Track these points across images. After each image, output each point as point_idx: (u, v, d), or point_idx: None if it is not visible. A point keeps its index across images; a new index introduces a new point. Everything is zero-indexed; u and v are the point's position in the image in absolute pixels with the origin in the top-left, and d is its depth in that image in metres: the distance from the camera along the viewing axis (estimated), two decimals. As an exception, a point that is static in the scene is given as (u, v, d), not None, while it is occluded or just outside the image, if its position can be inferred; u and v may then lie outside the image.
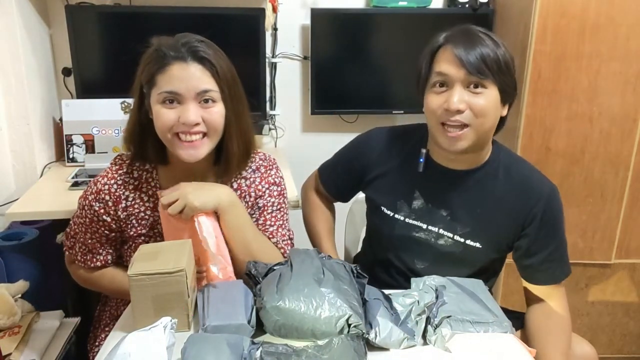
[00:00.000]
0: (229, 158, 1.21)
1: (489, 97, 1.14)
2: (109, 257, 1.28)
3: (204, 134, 1.14)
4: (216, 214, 1.18)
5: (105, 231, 1.24)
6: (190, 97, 1.10)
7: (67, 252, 1.32)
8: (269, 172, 1.31)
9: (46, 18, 2.13)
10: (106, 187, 1.21)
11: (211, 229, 1.16)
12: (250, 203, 1.29)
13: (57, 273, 1.82)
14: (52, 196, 1.77)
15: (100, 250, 1.26)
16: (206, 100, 1.12)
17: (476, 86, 1.13)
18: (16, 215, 1.67)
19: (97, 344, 1.36)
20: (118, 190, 1.21)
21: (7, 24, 1.87)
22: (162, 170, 1.24)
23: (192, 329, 1.06)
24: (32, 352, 1.38)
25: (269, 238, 1.27)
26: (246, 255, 1.19)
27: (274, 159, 1.34)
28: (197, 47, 1.11)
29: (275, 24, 2.23)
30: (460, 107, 1.13)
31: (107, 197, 1.21)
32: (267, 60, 2.24)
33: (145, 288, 1.00)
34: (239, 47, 2.14)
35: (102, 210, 1.22)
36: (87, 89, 2.11)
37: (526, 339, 1.20)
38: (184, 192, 1.12)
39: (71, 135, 2.06)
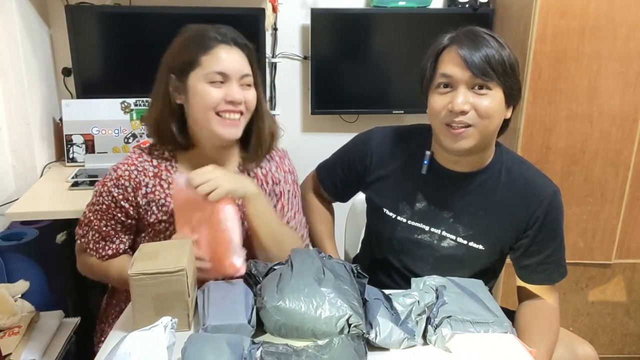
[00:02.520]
0: (261, 138, 1.29)
1: (493, 99, 1.14)
2: (122, 245, 1.28)
3: (241, 114, 1.22)
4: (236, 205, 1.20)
5: (122, 218, 1.25)
6: (235, 78, 1.19)
7: (78, 241, 1.30)
8: (283, 161, 1.38)
9: (46, 18, 2.13)
10: (126, 173, 1.23)
11: (235, 218, 1.16)
12: (267, 191, 1.32)
13: (57, 273, 1.83)
14: (52, 196, 1.77)
15: (114, 239, 1.27)
16: (246, 84, 1.21)
17: (481, 87, 1.13)
18: (16, 215, 1.67)
19: (103, 339, 1.35)
20: (138, 176, 1.23)
21: (7, 24, 1.87)
22: (181, 157, 1.28)
23: (192, 328, 1.06)
24: (32, 352, 1.38)
25: (286, 223, 1.32)
26: (273, 242, 1.24)
27: (285, 150, 1.41)
28: (236, 35, 1.22)
29: (275, 24, 2.23)
30: (465, 109, 1.13)
31: (127, 183, 1.23)
32: (267, 60, 2.24)
33: (146, 288, 1.00)
34: (239, 47, 2.14)
35: (120, 197, 1.23)
36: (87, 89, 2.11)
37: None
38: (216, 174, 1.14)
39: (71, 135, 2.06)
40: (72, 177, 1.90)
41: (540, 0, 1.86)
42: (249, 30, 2.09)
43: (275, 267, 1.14)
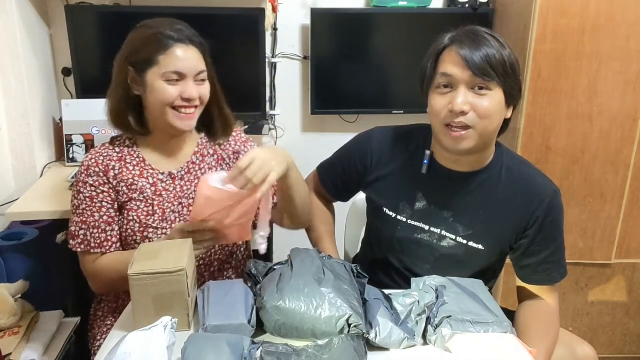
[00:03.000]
0: (227, 122, 1.39)
1: (493, 99, 1.14)
2: (120, 231, 1.31)
3: (195, 107, 1.30)
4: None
5: (110, 201, 1.29)
6: (191, 76, 1.25)
7: (80, 250, 1.28)
8: (240, 135, 1.47)
9: (46, 18, 2.13)
10: (93, 161, 1.31)
11: (270, 198, 1.23)
12: (231, 164, 1.41)
13: (57, 273, 1.82)
14: (52, 196, 1.77)
15: (113, 226, 1.29)
16: (201, 79, 1.28)
17: (481, 88, 1.13)
18: (16, 215, 1.67)
19: (98, 338, 1.36)
20: (105, 161, 1.31)
21: (7, 24, 1.87)
22: (141, 142, 1.36)
23: (192, 328, 1.06)
24: (32, 352, 1.38)
25: None
26: (306, 206, 1.36)
27: (239, 127, 1.49)
28: (190, 32, 1.27)
29: (275, 24, 2.23)
30: (465, 109, 1.13)
31: (97, 169, 1.29)
32: (267, 60, 2.24)
33: (146, 287, 1.00)
34: (239, 47, 2.14)
35: (97, 183, 1.29)
36: (87, 89, 2.10)
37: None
38: (264, 158, 1.14)
39: (71, 135, 2.06)
40: (72, 177, 1.89)
41: (540, 0, 1.86)
42: (249, 30, 2.13)
43: (275, 267, 1.14)
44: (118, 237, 1.30)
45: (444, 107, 1.15)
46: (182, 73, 1.23)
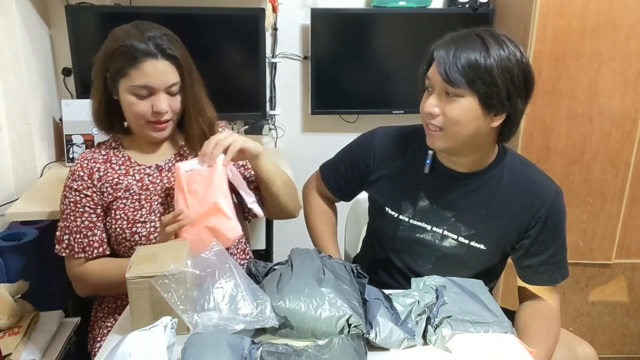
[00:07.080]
0: (190, 140, 1.37)
1: (463, 106, 1.12)
2: (104, 235, 1.33)
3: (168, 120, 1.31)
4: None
5: (92, 206, 1.31)
6: (161, 89, 1.25)
7: (65, 255, 1.32)
8: (224, 129, 1.45)
9: (46, 18, 2.13)
10: (78, 165, 1.34)
11: (237, 173, 1.31)
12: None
13: (57, 273, 1.82)
14: (52, 196, 1.77)
15: (95, 230, 1.31)
16: (172, 92, 1.28)
17: (450, 93, 1.13)
18: (16, 215, 1.67)
19: (99, 339, 1.36)
20: (89, 164, 1.33)
21: (7, 24, 1.87)
22: (126, 142, 1.39)
23: (191, 331, 1.05)
24: (32, 352, 1.38)
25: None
26: (289, 194, 1.41)
27: (223, 122, 1.51)
28: (163, 44, 1.24)
29: (275, 24, 2.23)
30: (432, 111, 1.15)
31: (82, 173, 1.32)
32: (267, 60, 2.24)
33: (144, 291, 0.98)
34: (239, 47, 2.14)
35: (81, 187, 1.31)
36: (87, 89, 2.07)
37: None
38: (227, 134, 1.26)
39: (71, 135, 2.06)
40: (72, 177, 1.89)
41: (540, 0, 1.86)
42: (249, 30, 2.13)
43: (275, 267, 1.14)
44: (101, 242, 1.31)
45: (423, 108, 1.19)
46: (151, 87, 1.24)
